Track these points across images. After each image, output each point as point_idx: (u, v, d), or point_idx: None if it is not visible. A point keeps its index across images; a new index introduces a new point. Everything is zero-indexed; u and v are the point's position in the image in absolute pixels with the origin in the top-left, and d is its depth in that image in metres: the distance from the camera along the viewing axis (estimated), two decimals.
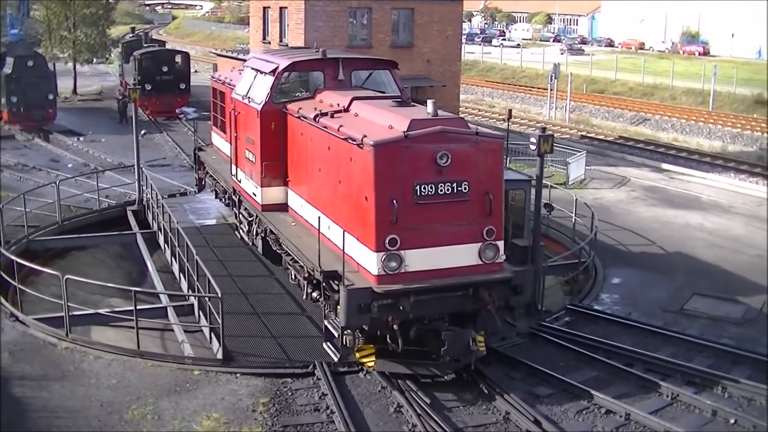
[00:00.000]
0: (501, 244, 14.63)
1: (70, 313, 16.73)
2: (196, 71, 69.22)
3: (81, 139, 44.91)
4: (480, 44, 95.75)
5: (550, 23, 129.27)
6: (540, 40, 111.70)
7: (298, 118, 17.63)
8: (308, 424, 13.67)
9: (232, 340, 16.30)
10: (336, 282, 14.39)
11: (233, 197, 21.98)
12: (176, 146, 42.06)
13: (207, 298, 16.89)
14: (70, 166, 37.49)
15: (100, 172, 30.38)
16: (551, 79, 51.46)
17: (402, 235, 13.80)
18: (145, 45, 58.53)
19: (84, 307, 17.93)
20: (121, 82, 60.72)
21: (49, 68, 50.86)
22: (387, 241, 13.74)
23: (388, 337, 14.16)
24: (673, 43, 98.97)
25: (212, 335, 16.62)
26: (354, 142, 14.42)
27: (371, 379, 15.06)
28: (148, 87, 50.81)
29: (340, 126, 15.34)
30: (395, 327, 13.88)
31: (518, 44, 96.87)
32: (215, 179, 24.80)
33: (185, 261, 19.21)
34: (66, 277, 16.58)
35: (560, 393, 15.34)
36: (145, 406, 14.00)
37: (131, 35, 66.76)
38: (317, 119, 16.47)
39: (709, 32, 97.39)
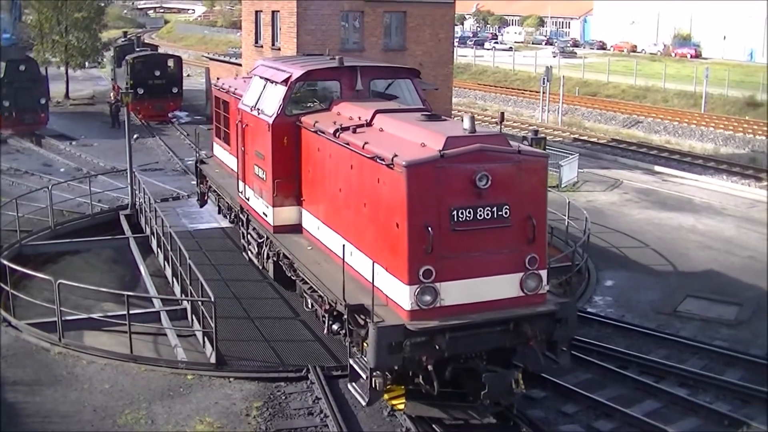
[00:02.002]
0: (545, 273, 13.32)
1: (63, 318, 16.68)
2: (188, 75, 69.17)
3: (73, 143, 44.85)
4: (472, 47, 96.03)
5: (542, 26, 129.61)
6: (532, 43, 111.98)
7: (315, 132, 16.12)
8: (302, 428, 13.66)
9: (226, 344, 16.27)
10: (362, 316, 13.17)
11: (240, 216, 20.39)
12: (169, 150, 42.01)
13: (200, 303, 16.86)
14: (62, 170, 37.44)
15: (92, 177, 30.30)
16: (543, 82, 51.57)
17: (437, 266, 12.41)
18: (138, 49, 58.47)
19: (77, 311, 17.88)
20: (113, 86, 60.62)
21: (41, 72, 50.79)
22: (421, 273, 12.35)
23: (420, 377, 12.91)
24: (665, 45, 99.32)
25: (205, 339, 16.59)
26: (382, 162, 13.02)
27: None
28: (141, 91, 50.78)
29: (365, 143, 13.86)
30: (429, 367, 12.59)
31: (510, 47, 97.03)
32: (219, 195, 23.18)
33: (178, 265, 19.18)
34: (59, 281, 16.53)
35: (554, 396, 15.36)
36: (138, 411, 13.97)
37: (123, 39, 66.65)
38: (337, 134, 15.00)
39: (700, 34, 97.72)
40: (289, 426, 13.71)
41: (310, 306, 16.16)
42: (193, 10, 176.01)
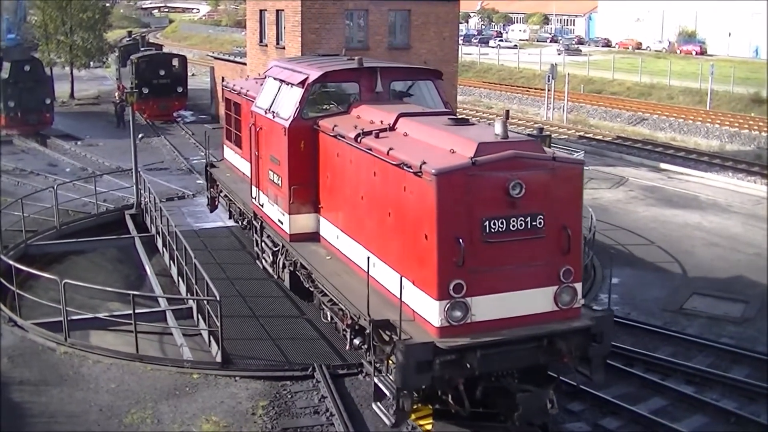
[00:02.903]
0: (579, 286, 12.71)
1: (69, 318, 16.71)
2: (193, 74, 69.24)
3: (78, 143, 44.91)
4: (477, 45, 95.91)
5: (547, 24, 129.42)
6: (537, 41, 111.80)
7: (334, 137, 15.43)
8: (308, 427, 13.65)
9: (231, 343, 16.27)
10: (388, 332, 12.56)
11: (254, 222, 19.68)
12: (174, 150, 42.05)
13: (206, 302, 16.87)
14: (67, 170, 37.50)
15: (97, 176, 30.34)
16: (548, 79, 51.47)
17: (468, 280, 11.80)
18: (142, 49, 58.63)
19: (82, 311, 17.90)
20: (118, 86, 60.63)
21: (46, 73, 50.92)
22: (451, 287, 11.74)
23: (449, 396, 12.38)
24: (670, 42, 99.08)
25: (211, 338, 16.59)
26: (409, 169, 12.36)
27: (371, 382, 15.03)
28: (146, 90, 50.84)
29: (390, 149, 13.20)
30: (460, 386, 12.08)
31: (515, 45, 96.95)
32: (231, 200, 22.43)
33: (184, 264, 19.18)
34: (64, 281, 16.55)
35: (559, 394, 15.32)
36: (144, 410, 13.98)
37: (128, 39, 66.90)
38: (359, 139, 14.31)
39: (706, 31, 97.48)
40: (295, 425, 13.70)
41: (329, 319, 15.64)
42: (198, 9, 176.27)
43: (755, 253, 24.50)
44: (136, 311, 16.30)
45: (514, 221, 12.02)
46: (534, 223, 12.12)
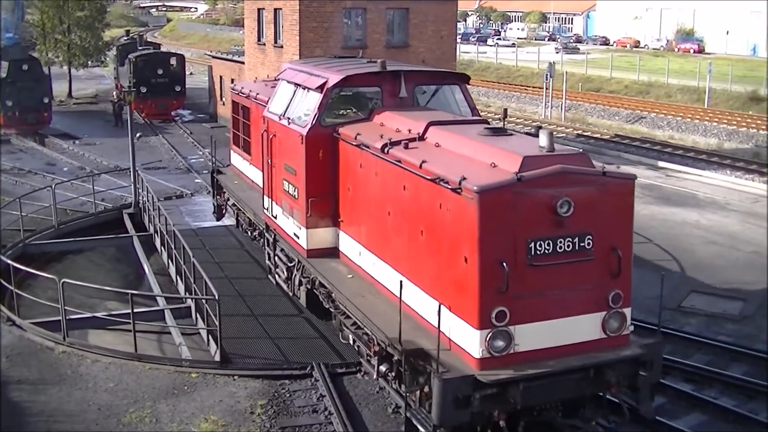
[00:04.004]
0: (629, 311, 11.90)
1: (67, 317, 16.69)
2: (191, 73, 69.26)
3: (76, 142, 44.96)
4: (475, 44, 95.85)
5: (545, 22, 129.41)
6: (535, 39, 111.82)
7: (357, 146, 14.39)
8: (306, 426, 13.64)
9: (230, 342, 16.27)
10: (421, 362, 11.67)
11: (266, 234, 18.68)
12: (172, 149, 42.06)
13: (204, 301, 16.87)
14: (65, 169, 37.50)
15: (95, 176, 30.33)
16: (547, 78, 51.48)
17: (512, 307, 10.94)
18: (140, 47, 58.59)
19: (81, 310, 17.89)
20: (116, 85, 60.72)
21: (44, 72, 50.93)
22: (493, 316, 10.89)
23: None
24: (668, 40, 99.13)
25: (210, 337, 16.59)
26: (447, 185, 11.40)
27: (369, 380, 15.05)
28: (144, 90, 50.91)
29: (423, 161, 12.21)
30: (501, 423, 11.22)
31: (513, 43, 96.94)
32: (239, 209, 21.49)
33: (182, 263, 19.17)
34: (63, 280, 16.54)
35: None
36: (142, 409, 13.97)
37: (126, 38, 66.81)
38: (386, 150, 13.29)
39: (704, 29, 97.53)
40: (294, 423, 13.70)
41: (351, 341, 14.59)
42: (196, 8, 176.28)
43: (754, 251, 24.52)
44: (135, 310, 16.29)
45: (561, 242, 11.17)
46: (582, 244, 11.30)
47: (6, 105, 47.07)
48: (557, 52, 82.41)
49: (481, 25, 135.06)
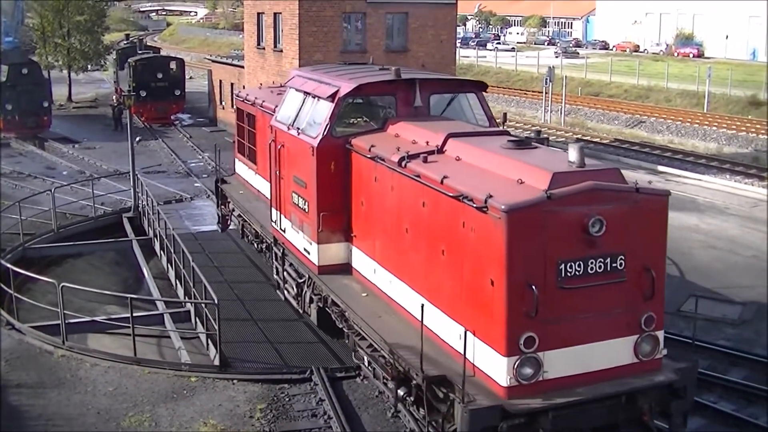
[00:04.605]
0: (661, 334, 11.42)
1: (67, 321, 16.68)
2: (191, 77, 69.32)
3: (76, 146, 44.97)
4: (475, 48, 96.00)
5: (545, 26, 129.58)
6: (534, 44, 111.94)
7: (372, 158, 13.79)
8: (306, 430, 13.62)
9: (229, 346, 16.27)
10: (443, 389, 11.19)
11: (274, 248, 18.01)
12: (171, 153, 42.06)
13: (203, 305, 16.86)
14: (65, 173, 37.49)
15: (95, 180, 30.34)
16: (546, 82, 51.54)
17: (541, 332, 10.42)
18: (140, 51, 58.65)
19: (80, 314, 17.90)
20: (115, 89, 60.78)
21: (43, 76, 50.96)
22: (522, 342, 10.36)
23: None
24: (667, 45, 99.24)
25: (209, 342, 16.59)
26: (471, 203, 10.82)
27: (368, 384, 15.04)
28: (143, 94, 50.93)
29: (444, 177, 11.62)
30: None
31: (513, 48, 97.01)
32: (245, 220, 20.73)
33: (181, 267, 19.17)
34: (62, 284, 16.53)
35: None
36: (142, 414, 13.96)
37: (126, 42, 66.87)
38: (403, 163, 12.70)
39: (703, 34, 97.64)
40: (293, 428, 13.68)
41: (365, 363, 14.13)
42: (196, 12, 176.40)
43: (753, 255, 24.53)
44: (134, 314, 16.29)
45: (592, 263, 10.65)
46: (614, 265, 10.77)
47: (6, 109, 47.10)
48: (557, 57, 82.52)
49: (481, 30, 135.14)
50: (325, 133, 14.68)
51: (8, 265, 19.10)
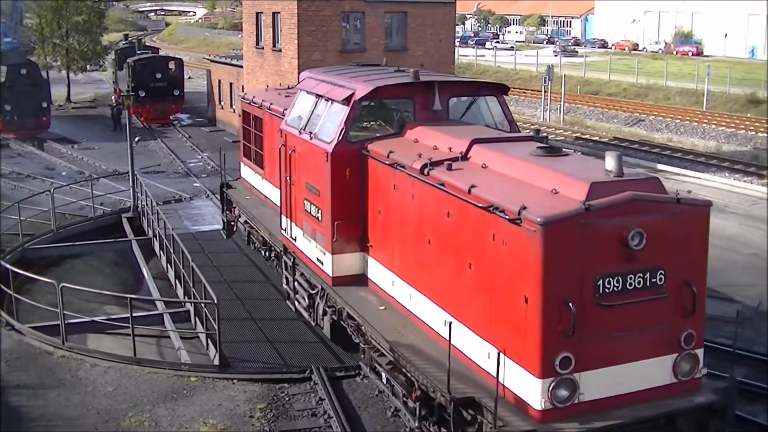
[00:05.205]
0: (701, 353, 10.92)
1: (66, 322, 16.67)
2: (189, 77, 69.26)
3: (75, 146, 44.96)
4: (473, 47, 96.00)
5: (544, 25, 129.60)
6: (533, 42, 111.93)
7: (391, 165, 13.14)
8: (305, 429, 13.63)
9: (229, 346, 16.27)
10: (471, 411, 10.72)
11: (284, 257, 17.36)
12: (171, 153, 42.05)
13: (203, 305, 16.86)
14: (64, 174, 37.47)
15: (94, 180, 30.33)
16: (545, 81, 51.57)
17: (577, 352, 9.86)
18: (139, 52, 58.59)
19: (80, 315, 17.90)
20: (114, 89, 60.74)
21: (42, 76, 50.92)
22: (557, 362, 9.81)
23: None
24: (666, 43, 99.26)
25: (209, 341, 16.59)
26: (502, 215, 10.22)
27: (368, 384, 15.04)
28: (142, 94, 50.86)
29: (472, 186, 11.03)
30: None
31: (512, 46, 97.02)
32: (252, 226, 20.08)
33: (181, 267, 19.18)
34: (61, 285, 16.53)
35: None
36: (142, 414, 13.96)
37: (124, 42, 66.81)
38: (426, 171, 12.10)
39: (702, 32, 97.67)
40: (293, 427, 13.69)
41: (384, 381, 13.60)
42: (194, 12, 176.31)
43: (752, 254, 24.52)
44: (134, 314, 16.29)
45: (631, 278, 10.13)
46: (654, 280, 10.28)
47: (4, 110, 47.07)
48: (556, 55, 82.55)
49: (480, 29, 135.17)
50: (340, 138, 14.09)
51: (8, 266, 19.09)
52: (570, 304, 9.69)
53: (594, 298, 9.92)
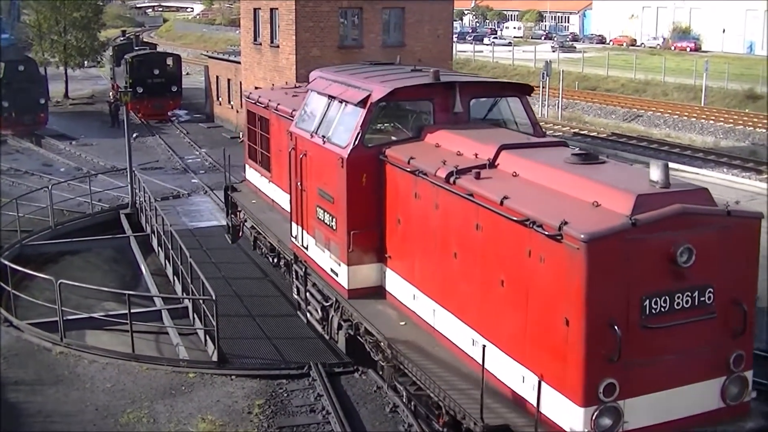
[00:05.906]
0: (750, 375, 10.21)
1: (65, 318, 16.68)
2: (187, 73, 69.20)
3: (73, 143, 44.96)
4: (471, 43, 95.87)
5: (542, 21, 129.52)
6: (531, 38, 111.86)
7: (412, 172, 12.30)
8: (304, 425, 13.65)
9: (227, 342, 16.28)
10: None
11: (295, 266, 16.45)
12: (169, 149, 42.05)
13: (201, 301, 16.87)
14: (62, 170, 37.48)
15: (92, 176, 30.32)
16: (543, 76, 51.54)
17: (622, 377, 9.15)
18: (137, 48, 58.58)
19: (78, 311, 17.88)
20: (112, 85, 60.71)
21: (40, 72, 50.94)
22: (601, 389, 9.10)
23: None
24: (664, 39, 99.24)
25: (207, 337, 16.60)
26: (541, 230, 9.47)
27: (367, 380, 15.06)
28: (140, 90, 50.90)
29: (504, 197, 10.21)
30: None
31: (510, 42, 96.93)
32: (260, 232, 19.18)
33: (179, 264, 19.18)
34: (60, 281, 16.53)
35: None
36: (140, 410, 13.97)
37: (122, 38, 66.76)
38: (452, 179, 11.29)
39: (700, 28, 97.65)
40: (292, 423, 13.71)
41: (406, 401, 12.96)
42: (192, 8, 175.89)
43: None
44: (132, 311, 16.27)
45: (679, 297, 9.42)
46: (702, 299, 9.56)
47: (2, 106, 47.06)
48: (554, 51, 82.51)
49: (478, 24, 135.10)
50: (356, 142, 13.20)
51: (6, 262, 19.09)
52: (615, 327, 9.02)
53: (640, 319, 9.25)
